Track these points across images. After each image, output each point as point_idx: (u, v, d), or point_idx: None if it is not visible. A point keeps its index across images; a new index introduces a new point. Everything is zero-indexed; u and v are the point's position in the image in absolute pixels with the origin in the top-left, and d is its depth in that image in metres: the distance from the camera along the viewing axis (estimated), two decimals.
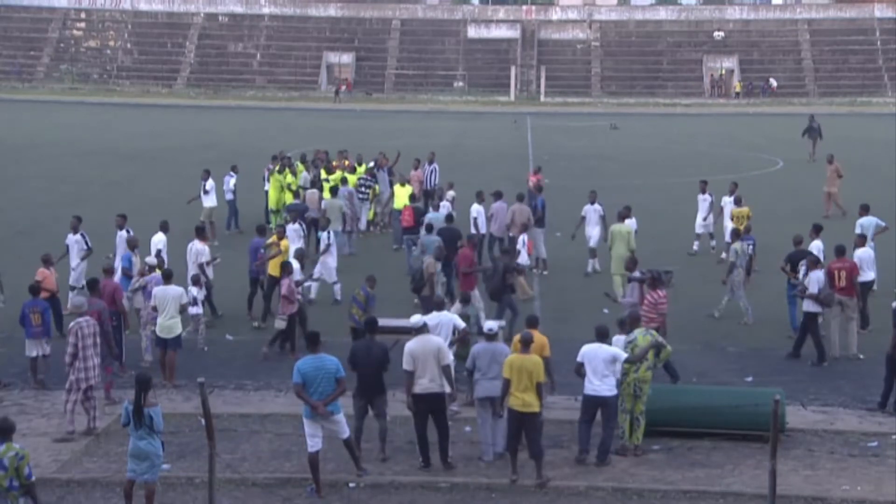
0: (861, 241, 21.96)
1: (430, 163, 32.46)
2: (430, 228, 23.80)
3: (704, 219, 27.96)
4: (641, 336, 15.02)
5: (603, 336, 14.70)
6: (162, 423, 12.59)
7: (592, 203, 26.20)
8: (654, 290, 17.71)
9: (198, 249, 21.32)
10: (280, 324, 19.18)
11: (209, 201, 30.03)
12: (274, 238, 21.89)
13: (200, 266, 21.05)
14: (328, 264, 23.23)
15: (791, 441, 15.19)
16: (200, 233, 22.18)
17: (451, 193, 29.57)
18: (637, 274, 18.96)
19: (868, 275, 21.38)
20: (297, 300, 19.33)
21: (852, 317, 19.60)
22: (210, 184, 30.07)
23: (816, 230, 22.04)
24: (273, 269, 21.00)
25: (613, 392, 14.50)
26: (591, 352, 14.51)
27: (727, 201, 27.27)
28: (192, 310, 19.64)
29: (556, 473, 14.17)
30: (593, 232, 25.91)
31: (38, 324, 17.82)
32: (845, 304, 19.51)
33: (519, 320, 19.29)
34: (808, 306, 19.35)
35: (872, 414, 16.56)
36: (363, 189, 30.26)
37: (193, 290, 19.79)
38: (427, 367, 14.39)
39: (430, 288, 20.21)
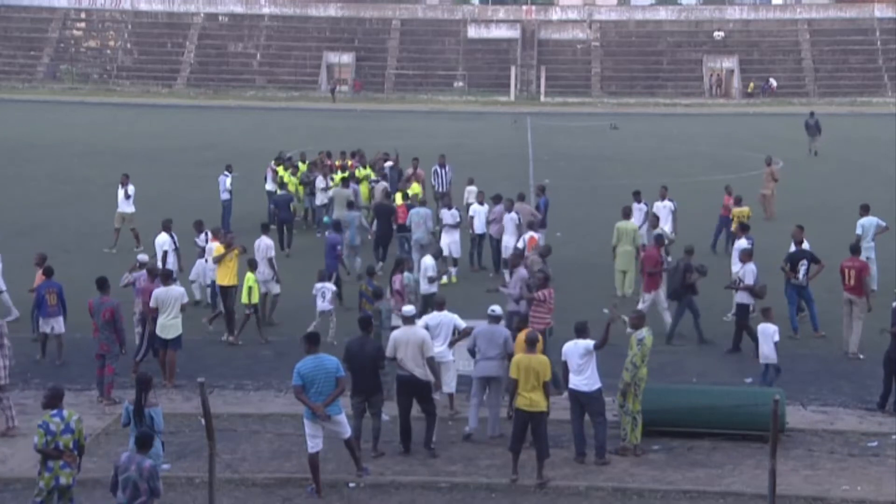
0: (799, 231, 22.38)
1: (442, 166, 31.79)
2: (350, 205, 25.75)
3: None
4: (649, 335, 15.09)
5: (581, 332, 14.87)
6: (162, 424, 12.62)
7: (509, 212, 25.26)
8: (543, 288, 17.87)
9: (266, 244, 21.50)
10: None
11: (127, 207, 28.50)
12: (220, 249, 20.82)
13: (270, 261, 21.23)
14: None
15: (791, 441, 15.20)
16: (265, 228, 22.66)
17: (471, 189, 29.56)
18: (524, 272, 19.08)
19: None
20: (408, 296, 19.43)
21: (860, 316, 19.68)
22: (131, 189, 28.67)
23: (743, 229, 22.29)
24: (227, 279, 20.31)
25: (593, 387, 14.60)
26: (569, 348, 14.70)
27: (660, 206, 26.09)
28: (323, 306, 19.89)
29: (556, 473, 14.18)
30: (510, 242, 24.66)
31: (54, 304, 18.64)
32: (854, 302, 19.59)
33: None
34: (742, 298, 19.65)
35: (872, 414, 16.57)
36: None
37: (323, 285, 19.98)
38: (409, 356, 14.70)
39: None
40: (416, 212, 25.47)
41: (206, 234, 22.89)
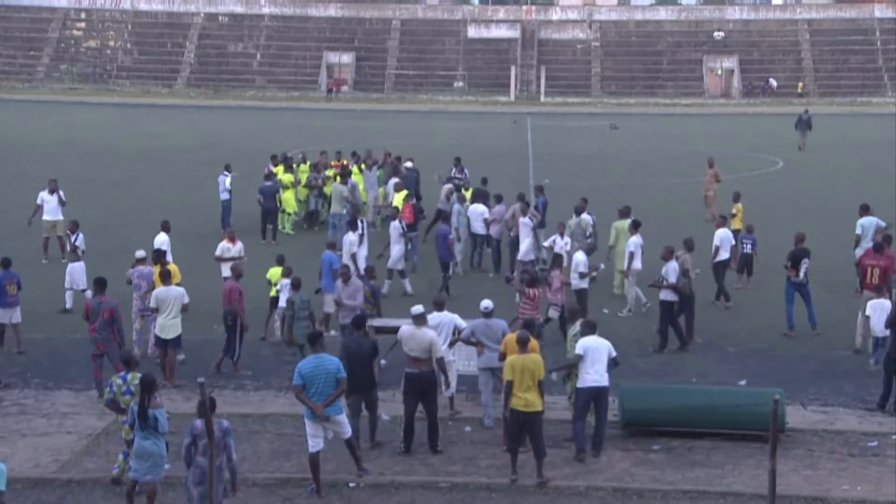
0: (722, 221, 23.45)
1: (460, 169, 31.57)
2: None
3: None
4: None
5: (594, 329, 15.03)
6: (167, 425, 12.63)
7: (398, 221, 24.64)
8: (533, 287, 18.13)
9: (350, 241, 21.98)
10: (553, 313, 19.59)
11: (59, 214, 27.05)
12: (156, 268, 19.14)
13: (353, 256, 21.52)
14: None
15: (791, 441, 15.19)
16: (354, 224, 22.94)
17: (449, 186, 29.65)
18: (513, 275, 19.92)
19: (723, 255, 22.82)
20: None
21: None
22: (63, 195, 27.45)
23: (636, 226, 22.52)
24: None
25: (606, 382, 14.74)
26: (594, 344, 14.73)
27: (580, 220, 24.71)
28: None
29: (556, 473, 14.17)
30: (395, 252, 24.16)
31: (14, 294, 19.01)
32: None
33: None
34: (666, 296, 19.71)
35: (872, 414, 16.56)
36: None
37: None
38: (417, 352, 14.86)
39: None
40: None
41: (79, 234, 22.70)
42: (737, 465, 14.51)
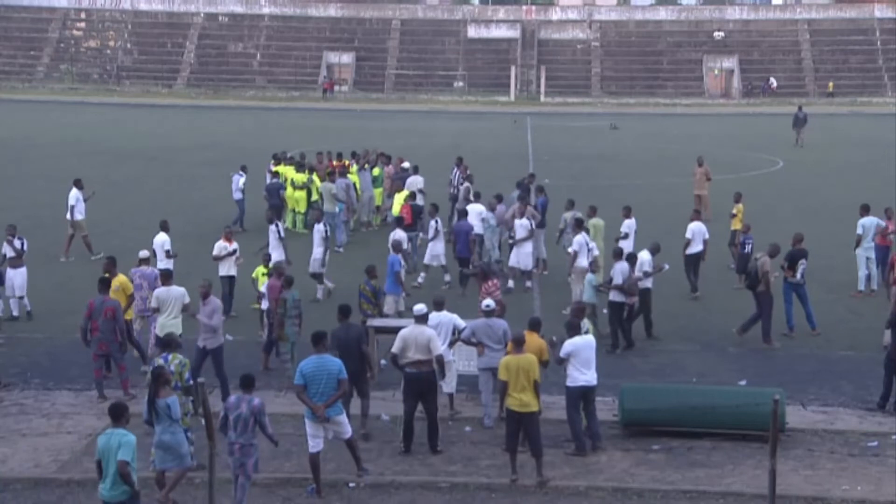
0: (696, 215, 23.87)
1: (462, 169, 31.11)
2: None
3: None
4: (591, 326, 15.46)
5: (576, 329, 15.14)
6: (179, 412, 12.78)
7: (322, 224, 23.95)
8: (486, 281, 18.24)
9: (400, 237, 22.34)
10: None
11: (83, 213, 27.34)
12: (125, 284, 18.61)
13: (403, 253, 21.76)
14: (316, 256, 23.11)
15: (791, 441, 15.20)
16: (400, 223, 23.61)
17: (467, 185, 29.66)
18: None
19: (695, 247, 23.26)
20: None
21: None
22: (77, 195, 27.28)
23: (579, 224, 22.82)
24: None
25: (596, 381, 14.91)
26: (581, 344, 14.81)
27: (518, 224, 24.37)
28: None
29: (556, 473, 14.18)
30: (318, 255, 23.60)
31: None
32: None
33: None
34: (614, 296, 19.75)
35: (872, 414, 16.56)
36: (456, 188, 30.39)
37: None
38: (418, 353, 14.93)
39: (766, 285, 20.09)
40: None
41: (23, 240, 22.14)
42: (737, 465, 14.51)
